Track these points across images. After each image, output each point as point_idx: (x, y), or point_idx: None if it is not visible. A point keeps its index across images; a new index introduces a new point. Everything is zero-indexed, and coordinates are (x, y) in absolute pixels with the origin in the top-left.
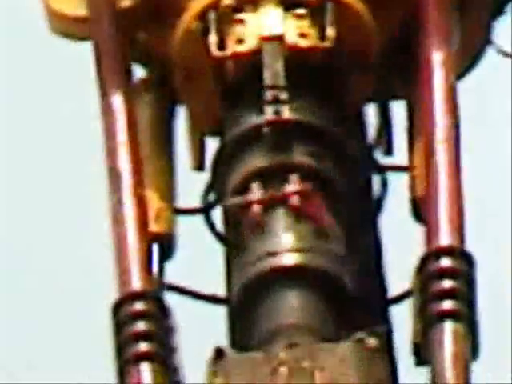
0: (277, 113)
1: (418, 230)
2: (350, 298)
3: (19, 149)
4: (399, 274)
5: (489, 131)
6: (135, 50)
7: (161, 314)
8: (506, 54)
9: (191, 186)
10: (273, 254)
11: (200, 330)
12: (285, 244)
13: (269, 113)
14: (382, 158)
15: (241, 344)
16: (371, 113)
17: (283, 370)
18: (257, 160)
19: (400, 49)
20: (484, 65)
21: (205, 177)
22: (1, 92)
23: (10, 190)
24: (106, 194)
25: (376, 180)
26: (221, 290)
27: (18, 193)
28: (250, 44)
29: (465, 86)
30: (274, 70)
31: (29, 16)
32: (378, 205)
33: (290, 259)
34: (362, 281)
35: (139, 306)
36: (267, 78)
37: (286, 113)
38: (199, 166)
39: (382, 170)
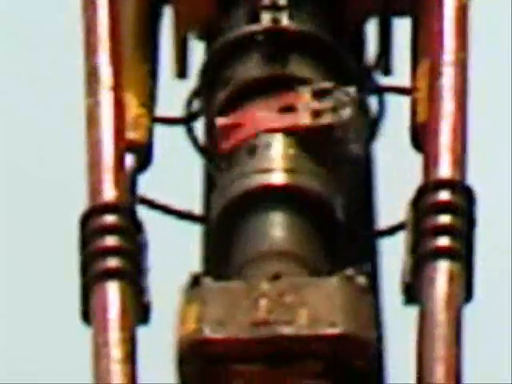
0: (274, 20)
1: (416, 160)
2: (339, 226)
3: None
4: (394, 205)
5: (500, 56)
6: None
7: (133, 229)
8: None
9: (173, 94)
10: (261, 172)
11: (172, 250)
12: (275, 162)
13: (265, 19)
14: (380, 79)
15: (217, 269)
16: (372, 29)
17: (264, 302)
18: (249, 70)
19: None
20: None
21: (188, 85)
22: None
23: None
24: (83, 95)
25: (373, 102)
26: (198, 209)
27: None
28: None
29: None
30: None
31: None
32: (373, 128)
33: (279, 178)
34: (352, 210)
35: (110, 218)
36: None
37: (284, 21)
38: (182, 73)
39: (381, 90)
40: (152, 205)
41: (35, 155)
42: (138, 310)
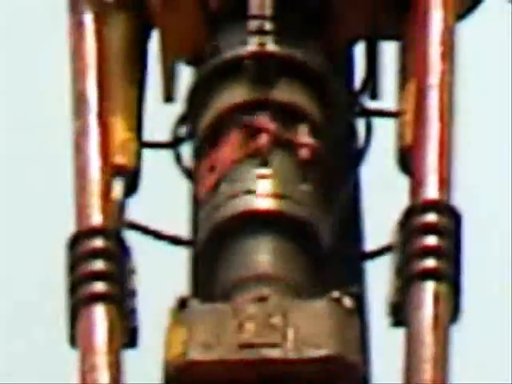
0: (261, 44)
1: (403, 183)
2: (325, 249)
3: None
4: (381, 228)
5: (485, 78)
6: None
7: (120, 253)
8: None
9: (160, 119)
10: (248, 196)
11: (160, 273)
12: (261, 186)
13: (252, 44)
14: (368, 102)
15: (204, 292)
16: (359, 53)
17: (250, 325)
18: (235, 94)
19: None
20: (484, 9)
21: (175, 110)
22: None
23: None
24: (70, 120)
25: (360, 125)
26: (185, 232)
27: None
28: None
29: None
30: None
31: None
32: (361, 152)
33: (266, 203)
34: (339, 232)
35: (97, 242)
36: (253, 6)
37: (271, 45)
38: (170, 97)
39: (368, 114)
40: (139, 229)
41: (22, 179)
42: (125, 334)
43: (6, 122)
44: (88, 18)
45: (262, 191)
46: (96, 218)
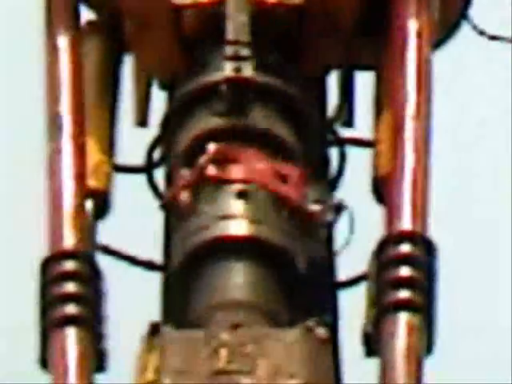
0: (237, 70)
1: (377, 212)
2: (299, 277)
3: None
4: (354, 257)
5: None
6: None
7: (92, 276)
8: (480, 32)
9: (132, 142)
10: (222, 221)
11: (131, 297)
12: (236, 212)
13: (228, 69)
14: (342, 131)
15: (176, 317)
16: (334, 81)
17: (224, 352)
18: (210, 120)
19: (373, 14)
20: (459, 40)
21: (148, 134)
22: None
23: None
24: (43, 142)
25: (334, 154)
26: (157, 257)
27: None
28: None
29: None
30: (237, 24)
31: None
32: (334, 181)
33: (240, 228)
34: (313, 261)
35: (69, 265)
36: (229, 31)
37: (247, 71)
38: (143, 122)
39: (342, 142)
40: (112, 253)
41: None
42: (96, 357)
43: None
44: (63, 41)
45: (237, 216)
46: (68, 241)
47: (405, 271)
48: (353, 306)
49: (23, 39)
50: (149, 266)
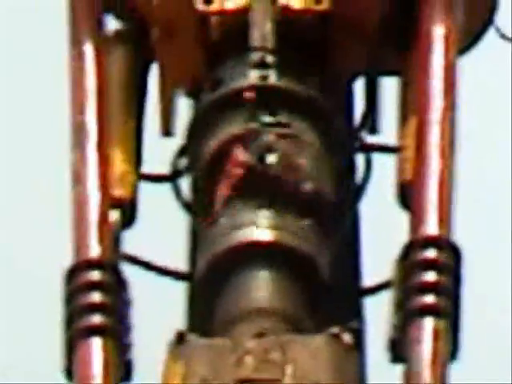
0: (262, 77)
1: (402, 218)
2: (324, 284)
3: None
4: (380, 263)
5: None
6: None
7: (117, 286)
8: (506, 38)
9: (160, 151)
10: (247, 228)
11: (156, 306)
12: (261, 219)
13: (253, 77)
14: (367, 137)
15: (201, 326)
16: (359, 87)
17: (249, 360)
18: (235, 127)
19: (399, 19)
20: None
21: (173, 143)
22: None
23: None
24: (69, 150)
25: (360, 161)
26: (183, 265)
27: None
28: (238, 0)
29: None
30: (262, 31)
31: None
32: (360, 187)
33: (265, 235)
34: (337, 267)
35: (94, 275)
36: (254, 38)
37: (272, 78)
38: (168, 131)
39: (368, 149)
40: (137, 262)
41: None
42: (121, 367)
43: (5, 152)
44: (89, 50)
45: (261, 223)
46: (93, 251)
47: (430, 276)
48: (378, 312)
49: (49, 47)
50: (174, 275)
